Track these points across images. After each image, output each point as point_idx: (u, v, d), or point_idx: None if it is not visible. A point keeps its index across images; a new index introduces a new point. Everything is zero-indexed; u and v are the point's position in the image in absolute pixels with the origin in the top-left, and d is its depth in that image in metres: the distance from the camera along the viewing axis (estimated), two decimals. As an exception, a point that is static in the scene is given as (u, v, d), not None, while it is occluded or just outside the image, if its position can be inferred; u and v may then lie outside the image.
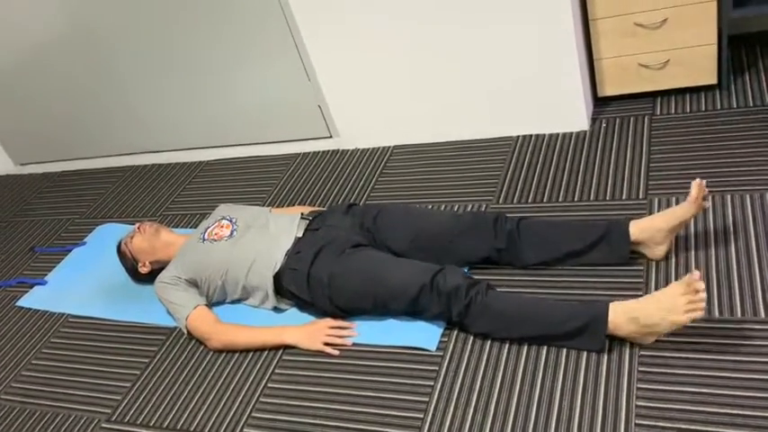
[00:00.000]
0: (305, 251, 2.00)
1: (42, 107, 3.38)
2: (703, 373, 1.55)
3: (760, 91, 2.37)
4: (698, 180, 1.74)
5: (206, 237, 2.17)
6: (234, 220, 2.20)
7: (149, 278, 2.29)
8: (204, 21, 2.74)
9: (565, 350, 1.70)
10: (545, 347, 1.72)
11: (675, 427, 1.46)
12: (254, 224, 2.17)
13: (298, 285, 1.99)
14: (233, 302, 2.19)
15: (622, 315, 1.62)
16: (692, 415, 1.47)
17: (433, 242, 2.01)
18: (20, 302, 2.61)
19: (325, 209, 2.27)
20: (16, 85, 3.34)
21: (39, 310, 2.54)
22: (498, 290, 1.82)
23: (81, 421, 2.00)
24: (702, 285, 1.52)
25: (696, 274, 1.53)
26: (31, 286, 2.69)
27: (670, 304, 1.55)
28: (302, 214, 2.17)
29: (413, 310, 1.86)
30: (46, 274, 2.73)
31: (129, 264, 2.33)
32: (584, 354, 1.67)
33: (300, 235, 2.08)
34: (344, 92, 2.73)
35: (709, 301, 1.70)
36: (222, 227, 2.19)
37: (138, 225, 2.31)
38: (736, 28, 2.65)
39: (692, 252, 1.85)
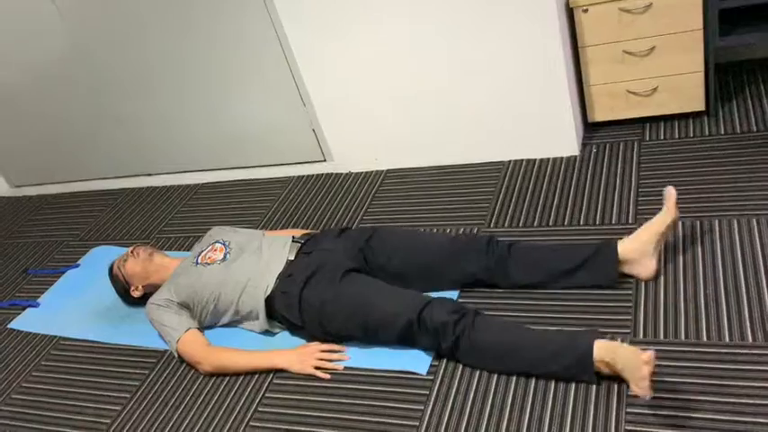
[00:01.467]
0: (297, 275, 2.01)
1: (37, 130, 3.40)
2: (691, 398, 1.55)
3: (747, 117, 2.41)
4: (669, 188, 1.85)
5: (199, 260, 2.18)
6: (227, 244, 2.21)
7: (141, 301, 2.29)
8: (200, 45, 2.78)
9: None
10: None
11: (664, 452, 1.46)
12: (247, 248, 2.18)
13: (289, 309, 2.00)
14: (225, 326, 2.19)
15: (599, 359, 1.61)
16: (680, 440, 1.48)
17: (425, 265, 2.02)
18: (12, 324, 2.61)
19: (317, 232, 2.28)
20: (12, 108, 3.37)
21: (30, 333, 2.54)
22: (486, 314, 1.83)
23: (70, 445, 1.99)
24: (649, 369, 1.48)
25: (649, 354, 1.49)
26: (24, 308, 2.69)
27: (633, 366, 1.52)
28: (294, 237, 2.19)
29: (402, 342, 1.87)
30: (39, 296, 2.73)
31: (121, 287, 2.34)
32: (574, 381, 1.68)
33: (292, 258, 2.09)
34: (338, 116, 2.76)
35: (696, 325, 1.72)
36: (216, 250, 2.20)
37: (131, 248, 2.32)
38: (722, 56, 2.70)
39: (680, 276, 1.86)
